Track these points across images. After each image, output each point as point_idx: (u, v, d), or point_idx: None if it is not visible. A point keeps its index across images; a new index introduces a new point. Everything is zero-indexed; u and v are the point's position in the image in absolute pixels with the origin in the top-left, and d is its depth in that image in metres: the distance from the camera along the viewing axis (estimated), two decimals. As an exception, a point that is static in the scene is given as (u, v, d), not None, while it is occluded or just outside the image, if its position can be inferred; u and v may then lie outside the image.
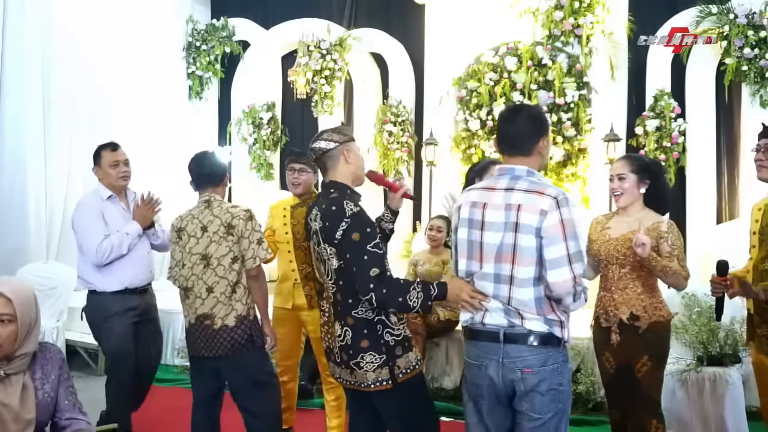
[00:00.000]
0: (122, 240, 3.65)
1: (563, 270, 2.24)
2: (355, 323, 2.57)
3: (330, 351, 2.71)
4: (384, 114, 7.92)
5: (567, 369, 2.38)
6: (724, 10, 6.70)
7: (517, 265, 2.29)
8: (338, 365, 2.67)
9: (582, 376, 4.69)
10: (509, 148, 2.45)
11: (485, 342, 2.40)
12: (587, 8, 6.96)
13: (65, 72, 6.61)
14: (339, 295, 2.59)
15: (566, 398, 2.37)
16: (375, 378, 2.57)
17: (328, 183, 2.68)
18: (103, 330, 3.72)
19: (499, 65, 7.25)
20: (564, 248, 2.25)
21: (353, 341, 2.57)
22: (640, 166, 3.15)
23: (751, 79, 6.59)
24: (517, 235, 2.28)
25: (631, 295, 3.10)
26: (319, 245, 2.61)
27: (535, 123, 2.44)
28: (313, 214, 2.66)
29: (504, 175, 2.41)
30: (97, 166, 3.82)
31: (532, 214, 2.26)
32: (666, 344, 3.14)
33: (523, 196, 2.30)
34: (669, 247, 3.03)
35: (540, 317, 2.31)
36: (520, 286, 2.29)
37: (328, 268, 2.59)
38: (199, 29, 8.78)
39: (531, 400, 2.31)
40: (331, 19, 8.42)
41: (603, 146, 6.76)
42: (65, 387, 2.41)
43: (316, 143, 2.68)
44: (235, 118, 8.72)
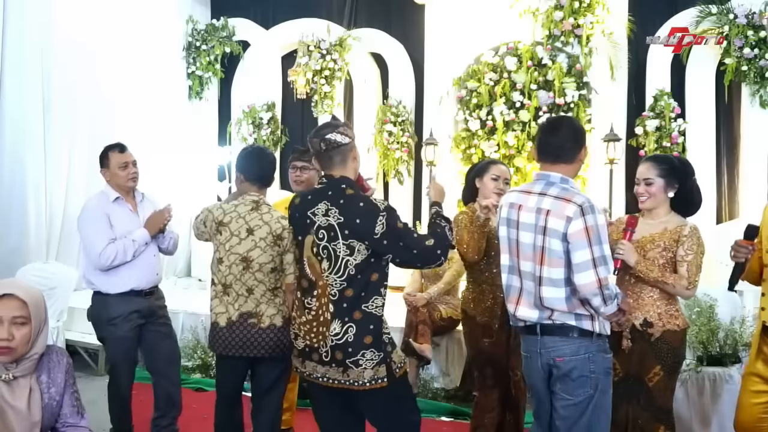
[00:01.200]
0: (128, 246, 3.61)
1: (589, 273, 2.43)
2: (362, 318, 2.54)
3: (312, 350, 2.61)
4: (384, 114, 7.93)
5: (601, 358, 2.55)
6: (723, 10, 6.71)
7: (547, 266, 2.52)
8: (325, 364, 2.59)
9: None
10: (550, 157, 2.64)
11: (527, 335, 2.69)
12: (587, 8, 6.96)
13: (65, 72, 6.61)
14: (350, 291, 2.54)
15: (598, 385, 2.54)
16: (372, 376, 2.55)
17: (340, 178, 2.62)
18: (107, 332, 3.71)
19: (499, 65, 7.25)
20: (589, 253, 2.44)
21: (356, 338, 2.53)
22: (668, 170, 3.01)
23: (751, 79, 6.60)
24: (545, 238, 2.50)
25: (647, 300, 3.00)
26: (333, 240, 2.54)
27: (578, 134, 2.67)
28: (320, 208, 2.59)
29: (540, 180, 2.64)
30: (104, 168, 3.76)
31: (559, 220, 2.47)
32: (680, 354, 3.02)
33: (552, 201, 2.52)
34: (683, 251, 2.92)
35: (571, 313, 2.52)
36: (550, 286, 2.52)
37: (340, 264, 2.53)
38: (199, 29, 8.79)
39: (564, 383, 2.55)
40: (331, 19, 8.43)
41: (603, 146, 6.76)
42: (70, 393, 2.40)
43: (331, 135, 2.60)
44: (235, 118, 8.73)
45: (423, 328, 4.70)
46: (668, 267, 2.96)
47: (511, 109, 7.13)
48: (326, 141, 2.60)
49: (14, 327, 2.20)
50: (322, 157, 2.66)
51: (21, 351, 2.25)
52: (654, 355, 2.96)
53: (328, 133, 2.61)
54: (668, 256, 2.95)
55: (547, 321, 2.56)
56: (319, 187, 2.69)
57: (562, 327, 2.55)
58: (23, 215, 6.16)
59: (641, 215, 3.12)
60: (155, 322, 3.79)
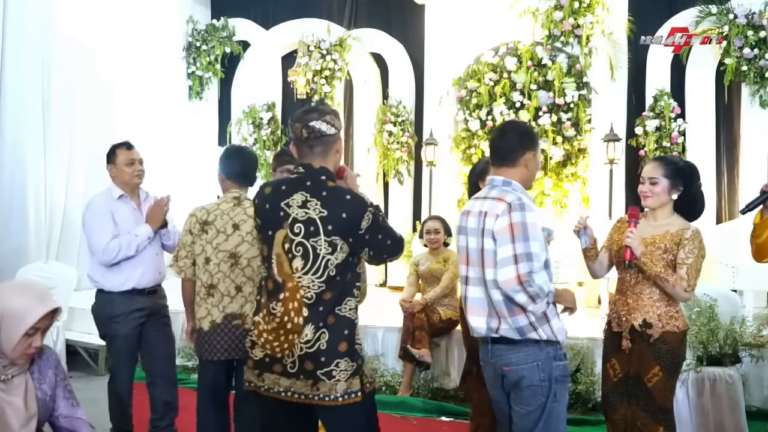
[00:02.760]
0: (131, 241, 3.63)
1: (509, 269, 2.37)
2: (336, 323, 2.29)
3: (273, 361, 2.32)
4: (384, 114, 7.94)
5: (552, 366, 2.48)
6: (723, 10, 6.72)
7: (487, 268, 2.47)
8: (290, 377, 2.30)
9: (582, 376, 4.69)
10: (496, 160, 2.63)
11: (482, 344, 2.63)
12: (587, 8, 6.97)
13: (65, 72, 6.62)
14: (328, 294, 2.29)
15: (550, 393, 2.48)
16: (346, 389, 2.30)
17: (320, 168, 2.37)
18: (109, 329, 3.72)
19: (499, 65, 7.26)
20: (511, 249, 2.39)
21: (330, 344, 2.27)
22: (674, 171, 2.98)
23: (751, 79, 6.62)
24: (483, 239, 2.48)
25: (646, 301, 2.99)
26: (313, 236, 2.28)
27: (523, 138, 2.62)
28: (296, 199, 2.33)
29: (488, 185, 2.62)
30: (111, 164, 3.80)
31: (491, 219, 2.46)
32: (679, 355, 3.00)
33: (489, 203, 2.51)
34: (684, 254, 2.91)
35: (509, 318, 2.45)
36: (493, 288, 2.46)
37: (320, 263, 2.27)
38: (199, 29, 8.80)
39: (515, 393, 2.51)
40: (331, 20, 8.45)
41: (603, 146, 6.76)
42: (62, 386, 2.44)
43: (316, 122, 2.35)
44: (235, 118, 8.73)
45: (420, 334, 4.72)
46: (668, 269, 2.95)
47: (511, 109, 7.14)
48: (309, 129, 2.36)
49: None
50: (301, 144, 2.40)
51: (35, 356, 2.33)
52: (653, 356, 2.95)
53: (312, 120, 2.36)
54: (668, 258, 2.95)
55: (495, 328, 2.49)
56: (295, 177, 2.40)
57: (507, 333, 2.47)
58: (23, 215, 6.17)
59: (643, 215, 3.11)
60: (157, 322, 3.80)
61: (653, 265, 2.91)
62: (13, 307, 2.19)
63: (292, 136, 2.44)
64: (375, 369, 5.11)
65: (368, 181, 8.01)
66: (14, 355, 2.22)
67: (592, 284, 6.52)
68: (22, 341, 2.20)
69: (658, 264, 2.92)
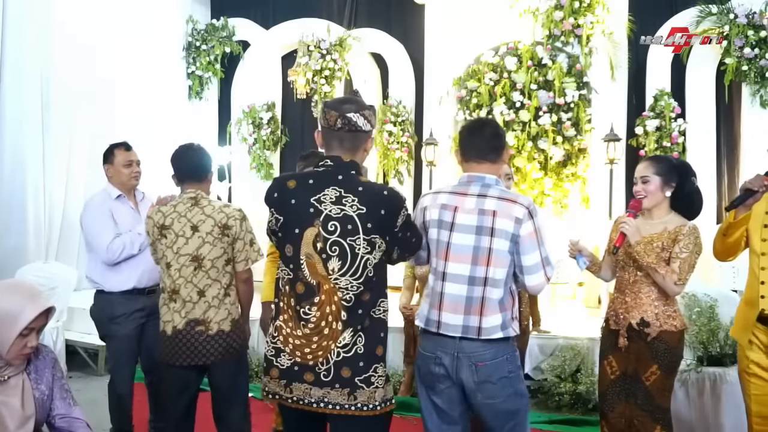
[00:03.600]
0: (134, 239, 3.64)
1: (539, 274, 2.47)
2: (371, 326, 2.21)
3: (304, 369, 2.18)
4: (384, 114, 7.93)
5: (515, 357, 2.56)
6: (724, 10, 6.72)
7: (493, 267, 2.45)
8: (324, 386, 2.17)
9: (582, 376, 4.69)
10: (477, 158, 2.61)
11: (444, 338, 2.53)
12: (587, 8, 6.97)
13: (65, 72, 6.61)
14: (367, 295, 2.19)
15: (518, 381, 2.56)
16: (383, 397, 2.20)
17: (350, 162, 2.26)
18: (109, 330, 3.71)
19: (499, 65, 7.26)
20: (539, 255, 2.46)
21: (367, 348, 2.18)
22: (665, 168, 3.02)
23: (752, 79, 6.61)
24: (492, 239, 2.44)
25: (645, 300, 3.00)
26: (351, 235, 2.17)
27: (501, 134, 2.66)
28: (329, 195, 2.20)
29: (475, 182, 2.57)
30: (108, 164, 3.81)
31: (508, 220, 2.43)
32: (677, 355, 3.00)
33: (497, 203, 2.47)
34: (679, 248, 2.92)
35: (499, 314, 2.47)
36: (494, 286, 2.46)
37: (359, 264, 2.17)
38: (199, 29, 8.80)
39: (485, 387, 2.48)
40: (331, 19, 8.44)
41: (603, 146, 6.76)
42: (59, 386, 2.44)
43: (353, 114, 2.23)
44: (235, 118, 8.73)
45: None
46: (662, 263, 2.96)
47: (511, 109, 7.13)
48: (345, 120, 2.22)
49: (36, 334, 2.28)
50: (331, 134, 2.26)
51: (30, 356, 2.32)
52: (651, 355, 2.96)
53: (350, 111, 2.23)
54: (665, 256, 2.96)
55: (475, 328, 2.45)
56: (323, 170, 2.26)
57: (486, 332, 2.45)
58: (23, 215, 6.16)
59: (641, 215, 3.12)
60: (156, 322, 3.77)
61: (645, 254, 2.94)
62: (5, 308, 2.18)
63: (323, 124, 2.28)
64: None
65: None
66: (9, 356, 2.22)
67: (592, 284, 6.52)
68: (17, 342, 2.19)
69: (651, 255, 2.94)
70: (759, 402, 2.74)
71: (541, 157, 7.02)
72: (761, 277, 2.69)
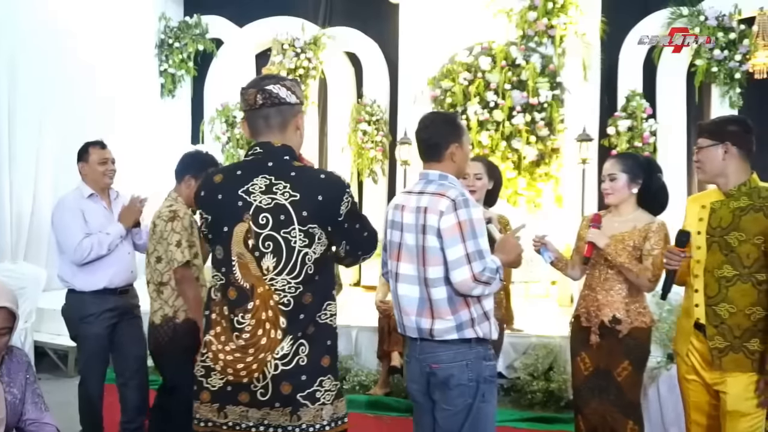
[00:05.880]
0: (103, 240, 3.60)
1: (463, 269, 2.29)
2: (316, 333, 1.93)
3: (238, 389, 1.90)
4: (358, 113, 7.92)
5: (481, 366, 2.41)
6: (694, 12, 6.83)
7: (428, 266, 2.38)
8: (262, 406, 1.89)
9: (554, 374, 4.73)
10: (425, 155, 2.54)
11: (410, 340, 2.54)
12: (560, 9, 7.01)
13: (33, 68, 6.49)
14: (308, 297, 1.92)
15: (478, 393, 2.40)
16: (333, 414, 1.93)
17: (281, 147, 2.00)
18: (80, 330, 3.67)
19: (474, 65, 7.27)
20: (462, 248, 2.30)
21: (311, 359, 1.90)
22: (631, 166, 3.08)
23: (721, 81, 6.73)
24: (425, 236, 2.37)
25: (616, 297, 3.05)
26: (285, 227, 1.90)
27: (447, 129, 2.51)
28: (258, 184, 1.95)
29: (421, 179, 2.52)
30: (83, 162, 3.76)
31: (434, 215, 2.35)
32: (647, 350, 3.09)
33: (429, 198, 2.39)
34: (650, 245, 2.97)
35: (451, 316, 2.37)
36: (433, 286, 2.37)
37: (296, 259, 1.90)
38: (171, 26, 8.70)
39: (442, 392, 2.41)
40: (305, 18, 8.40)
41: (576, 146, 6.81)
42: (32, 390, 2.39)
43: (273, 86, 2.00)
44: (208, 116, 8.64)
45: (396, 336, 4.71)
46: (633, 261, 3.01)
47: (485, 109, 7.16)
48: (266, 93, 1.99)
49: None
50: (255, 115, 2.02)
51: None
52: (623, 351, 3.02)
53: (269, 84, 2.01)
54: (636, 254, 3.02)
55: (428, 329, 2.39)
56: (251, 158, 2.02)
57: (440, 332, 2.38)
58: (-10, 214, 6.06)
59: (608, 212, 3.19)
60: (128, 322, 3.75)
61: (617, 255, 2.98)
62: None
63: (244, 107, 2.06)
64: (349, 369, 5.10)
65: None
66: None
67: (564, 282, 6.57)
68: None
69: (623, 255, 2.99)
70: (696, 408, 2.78)
71: (515, 156, 7.06)
72: (695, 285, 2.71)
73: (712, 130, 2.66)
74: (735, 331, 2.57)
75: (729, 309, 2.58)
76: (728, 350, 2.58)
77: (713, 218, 2.65)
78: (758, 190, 2.57)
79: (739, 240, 2.55)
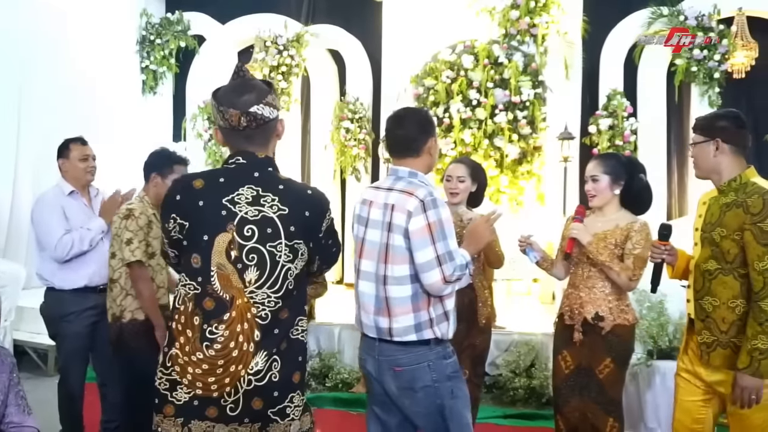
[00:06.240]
0: (84, 236, 3.57)
1: (434, 272, 2.26)
2: (288, 349, 1.91)
3: (207, 403, 1.85)
4: (341, 111, 7.91)
5: (442, 365, 2.38)
6: (674, 12, 6.89)
7: (391, 264, 2.33)
8: (230, 421, 1.85)
9: (536, 371, 4.76)
10: (398, 151, 2.49)
11: (367, 338, 2.49)
12: (542, 8, 7.04)
13: (12, 64, 6.43)
14: (285, 312, 1.90)
15: (446, 392, 2.37)
16: (299, 429, 1.94)
17: (264, 158, 1.97)
18: (60, 328, 3.63)
19: (456, 63, 7.28)
20: (433, 251, 2.27)
21: (283, 375, 1.88)
22: (613, 167, 3.09)
23: (700, 80, 6.80)
24: (390, 234, 2.34)
25: (599, 295, 3.07)
26: (271, 240, 1.88)
27: (423, 125, 2.50)
28: (244, 194, 1.90)
29: (390, 175, 2.49)
30: (63, 158, 3.73)
31: (402, 214, 2.31)
32: (629, 348, 3.10)
33: (397, 196, 2.36)
34: (631, 245, 2.99)
35: (411, 315, 2.33)
36: (394, 284, 2.33)
37: (278, 274, 1.89)
38: (153, 23, 8.63)
39: (409, 396, 2.35)
40: (288, 15, 8.36)
41: (557, 144, 6.85)
42: (15, 392, 2.35)
43: (257, 108, 1.92)
44: (190, 113, 8.58)
45: None
46: (615, 260, 3.03)
47: (467, 107, 7.17)
48: (250, 116, 1.92)
49: None
50: (236, 135, 1.96)
51: None
52: (605, 348, 3.04)
53: (252, 104, 1.92)
54: (618, 253, 3.03)
55: (386, 329, 2.35)
56: (234, 167, 1.96)
57: (400, 333, 2.34)
58: (-31, 212, 5.99)
59: (592, 212, 3.20)
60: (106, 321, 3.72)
61: (598, 254, 3.01)
62: None
63: (222, 124, 1.97)
64: (332, 366, 5.10)
65: (325, 178, 8.00)
66: None
67: (547, 280, 6.61)
68: None
69: (604, 254, 3.01)
70: (681, 409, 2.75)
71: (497, 154, 7.08)
72: (689, 281, 2.72)
73: (704, 126, 2.67)
74: (720, 326, 2.56)
75: (712, 302, 2.58)
76: (716, 345, 2.58)
77: (707, 215, 2.65)
78: (746, 186, 2.53)
79: (721, 236, 2.54)
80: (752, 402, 2.44)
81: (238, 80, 2.02)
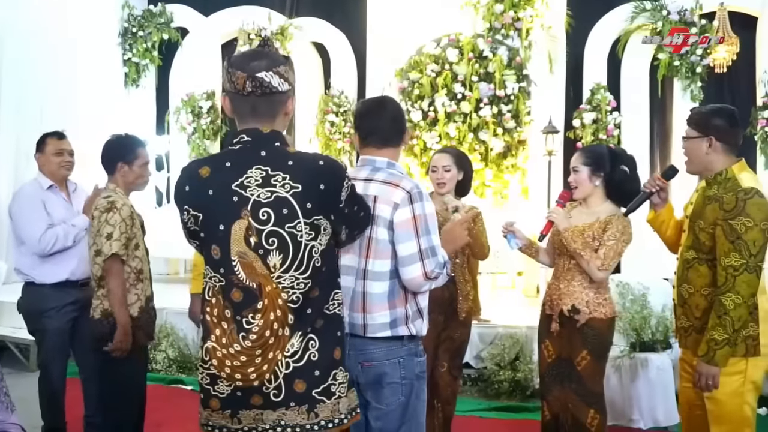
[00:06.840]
0: (68, 231, 3.53)
1: (415, 266, 2.17)
2: (325, 325, 1.87)
3: (250, 392, 1.83)
4: (326, 104, 7.90)
5: (413, 362, 2.31)
6: (657, 7, 6.93)
7: (373, 259, 2.23)
8: (277, 407, 1.82)
9: (520, 364, 4.78)
10: (378, 141, 2.35)
11: None
12: (527, 2, 7.07)
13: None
14: (316, 291, 1.85)
15: (411, 391, 2.30)
16: (349, 406, 1.89)
17: (271, 133, 1.87)
18: (40, 324, 3.59)
19: (441, 57, 7.29)
20: (416, 245, 2.17)
21: (322, 353, 1.84)
22: (592, 158, 3.10)
23: (683, 75, 6.86)
24: (373, 227, 2.21)
25: (577, 287, 3.09)
26: (289, 221, 1.80)
27: (402, 115, 2.42)
28: (253, 177, 1.81)
29: (365, 166, 2.34)
30: (39, 153, 3.69)
31: (386, 206, 2.20)
32: (606, 341, 3.10)
33: (379, 187, 2.24)
34: (606, 236, 3.01)
35: (387, 312, 2.24)
36: (374, 280, 2.23)
37: (303, 254, 1.81)
38: (135, 15, 8.54)
39: (374, 391, 2.28)
40: (272, 8, 8.32)
41: (542, 138, 6.88)
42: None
43: (266, 75, 1.81)
44: (173, 106, 8.53)
45: None
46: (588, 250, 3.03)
47: (452, 101, 7.18)
48: (256, 81, 1.81)
49: None
50: (241, 101, 1.86)
51: None
52: (581, 340, 3.07)
53: (260, 69, 1.81)
54: (594, 245, 3.05)
55: (360, 325, 2.24)
56: (239, 147, 1.86)
57: (374, 328, 2.24)
58: (-52, 206, 5.91)
59: (579, 204, 3.22)
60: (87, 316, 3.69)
61: (572, 240, 3.03)
62: None
63: (229, 88, 1.86)
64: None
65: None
66: None
67: (531, 273, 6.65)
68: None
69: (578, 241, 3.02)
70: (681, 394, 2.85)
71: (482, 148, 7.10)
72: (676, 268, 2.78)
73: (699, 121, 2.68)
74: (695, 312, 2.64)
75: (688, 289, 2.68)
76: (691, 330, 2.67)
77: (696, 204, 2.70)
78: (728, 181, 2.56)
79: (699, 227, 2.61)
80: (709, 387, 2.51)
81: (258, 49, 1.91)
